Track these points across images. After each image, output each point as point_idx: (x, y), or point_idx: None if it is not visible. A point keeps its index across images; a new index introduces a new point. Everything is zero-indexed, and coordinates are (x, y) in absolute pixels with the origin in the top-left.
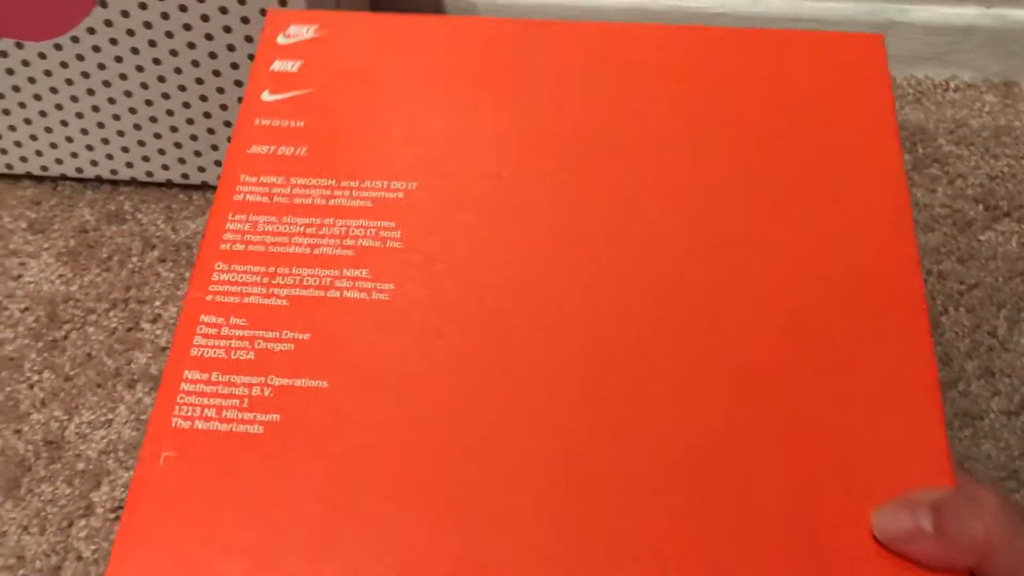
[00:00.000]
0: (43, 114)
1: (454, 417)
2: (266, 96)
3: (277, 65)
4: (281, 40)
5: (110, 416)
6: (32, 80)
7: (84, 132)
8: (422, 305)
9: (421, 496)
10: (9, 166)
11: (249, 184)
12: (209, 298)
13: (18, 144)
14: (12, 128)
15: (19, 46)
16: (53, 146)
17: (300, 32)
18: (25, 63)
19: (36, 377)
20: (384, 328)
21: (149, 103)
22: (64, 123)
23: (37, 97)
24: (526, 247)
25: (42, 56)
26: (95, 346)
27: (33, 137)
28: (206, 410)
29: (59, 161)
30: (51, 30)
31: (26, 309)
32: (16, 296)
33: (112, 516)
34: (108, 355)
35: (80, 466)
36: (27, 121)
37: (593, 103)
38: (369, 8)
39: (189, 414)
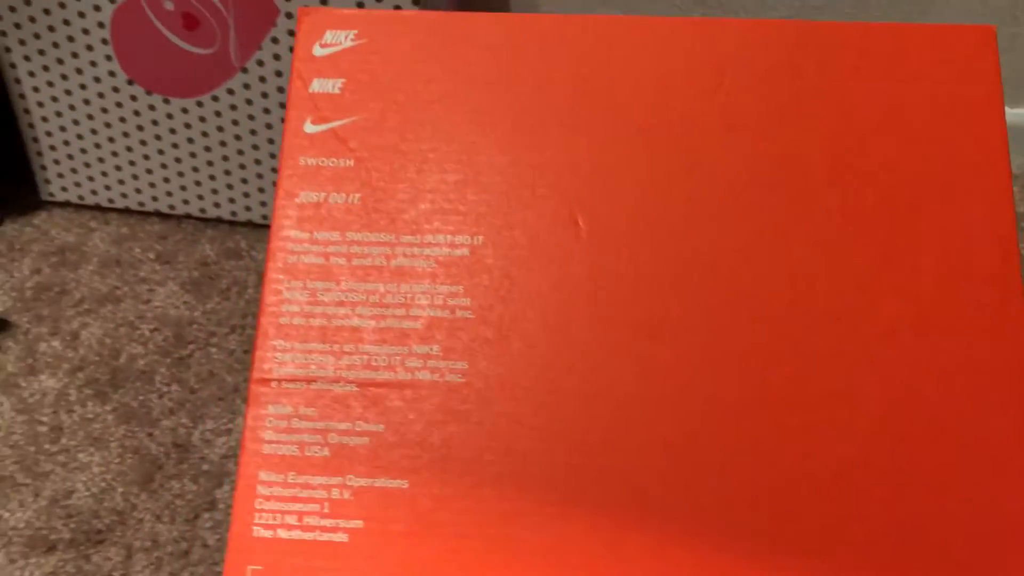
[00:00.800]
0: (178, 160)
1: (542, 518)
2: (309, 127)
3: (317, 85)
4: (318, 51)
5: (230, 426)
6: (173, 131)
7: (212, 178)
8: (498, 388)
9: None
10: (141, 204)
11: (302, 242)
12: (275, 384)
13: (152, 185)
14: (149, 171)
15: (166, 101)
16: (182, 188)
17: (338, 40)
18: (169, 116)
19: (165, 389)
20: (460, 417)
21: (273, 156)
22: (195, 169)
23: (175, 145)
24: (607, 319)
25: (184, 111)
26: (216, 364)
27: (166, 179)
28: (287, 516)
29: (185, 201)
30: (196, 90)
31: (155, 329)
32: (146, 318)
33: None
34: (228, 373)
35: (205, 467)
36: (163, 166)
37: (681, 116)
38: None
39: (270, 522)
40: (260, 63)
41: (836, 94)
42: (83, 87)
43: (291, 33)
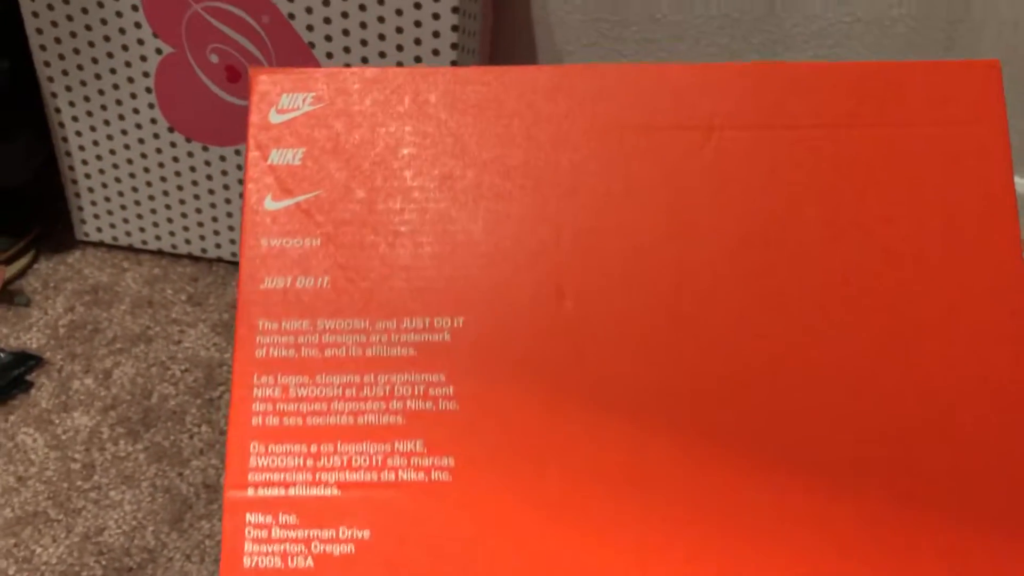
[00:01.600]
0: (212, 205)
1: None
2: (270, 204)
3: (276, 156)
4: (275, 118)
5: None
6: (209, 177)
7: None
8: (487, 484)
9: None
10: (173, 246)
11: (270, 333)
12: (251, 491)
13: (185, 228)
14: (183, 215)
15: (205, 148)
16: (215, 232)
17: (296, 104)
18: (207, 163)
19: (196, 429)
20: (450, 518)
21: None
22: (229, 214)
23: (211, 191)
24: (597, 398)
25: (222, 158)
26: None
27: (199, 223)
28: None
29: (217, 245)
30: (235, 139)
31: (186, 370)
32: (177, 358)
33: None
34: None
35: None
36: (197, 210)
37: (668, 174)
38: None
39: None
40: None
41: (831, 142)
42: (124, 132)
43: None
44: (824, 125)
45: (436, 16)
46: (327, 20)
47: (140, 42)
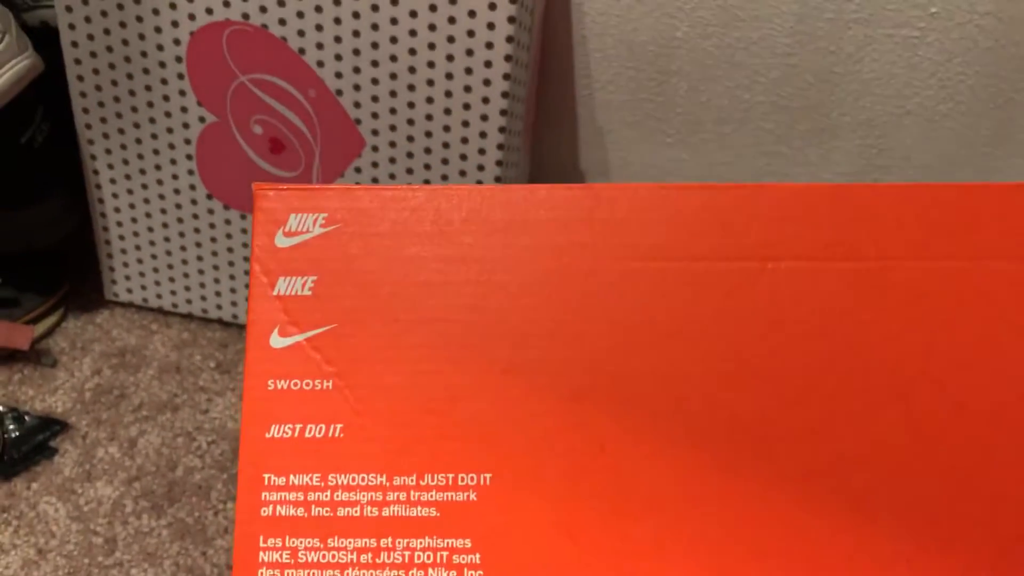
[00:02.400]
0: (247, 272)
1: None
2: (276, 340)
3: (283, 285)
4: (282, 241)
5: None
6: (245, 245)
7: None
8: None
9: None
10: (204, 310)
11: (277, 488)
12: None
13: (217, 293)
14: (216, 280)
15: (243, 216)
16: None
17: (305, 225)
18: (243, 231)
19: (221, 506)
20: None
21: None
22: None
23: (246, 259)
24: (644, 573)
25: None
26: None
27: (232, 289)
28: None
29: None
30: None
31: (212, 442)
32: (204, 429)
33: None
34: None
35: None
36: (231, 276)
37: (717, 311)
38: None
39: None
40: None
41: (898, 278)
42: (162, 197)
43: (375, 164)
44: (890, 257)
45: (486, 100)
46: (375, 98)
47: (184, 110)
